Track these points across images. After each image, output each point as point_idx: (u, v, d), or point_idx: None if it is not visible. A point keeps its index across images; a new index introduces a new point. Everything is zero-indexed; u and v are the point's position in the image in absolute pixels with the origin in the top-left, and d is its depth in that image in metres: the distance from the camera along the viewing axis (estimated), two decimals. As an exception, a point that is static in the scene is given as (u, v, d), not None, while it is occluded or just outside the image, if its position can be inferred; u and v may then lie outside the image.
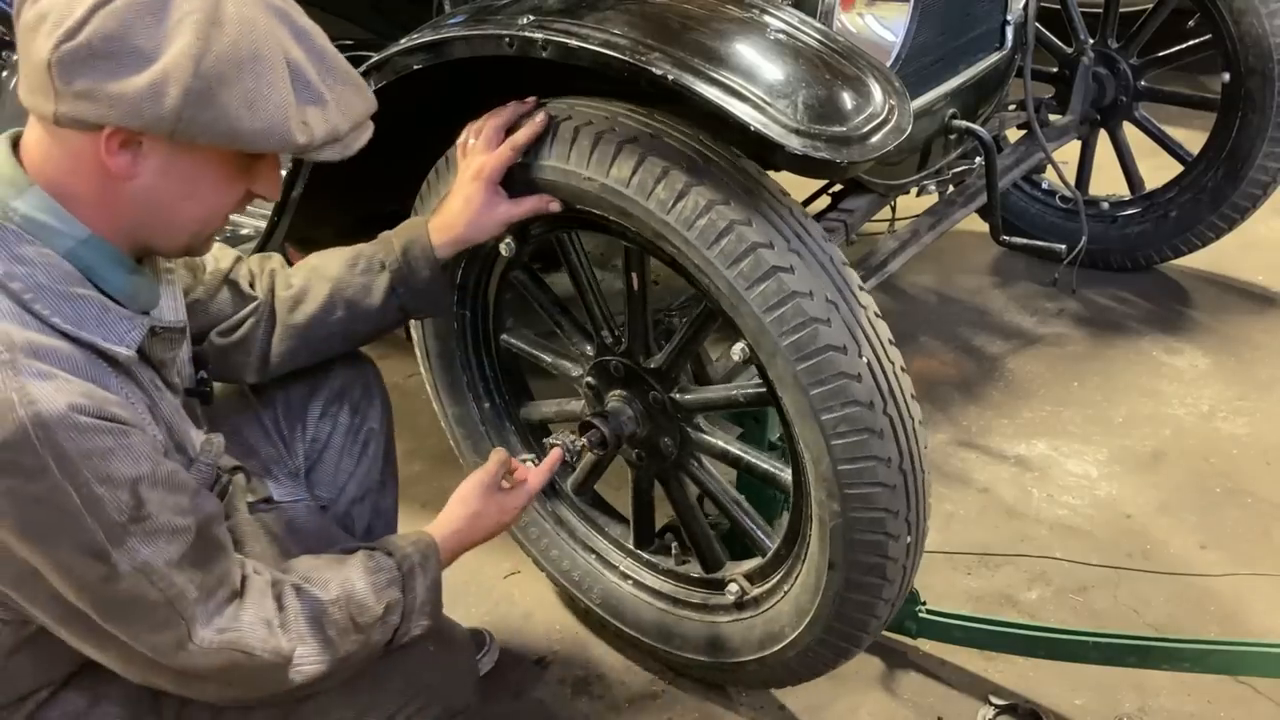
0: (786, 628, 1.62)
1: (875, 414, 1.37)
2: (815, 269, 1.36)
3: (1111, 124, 3.00)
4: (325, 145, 1.09)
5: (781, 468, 1.60)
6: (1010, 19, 2.27)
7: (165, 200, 1.09)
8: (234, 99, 1.01)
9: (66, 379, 1.02)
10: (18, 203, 1.05)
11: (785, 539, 1.62)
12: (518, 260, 1.72)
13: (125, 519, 1.04)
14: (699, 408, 1.65)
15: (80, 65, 0.98)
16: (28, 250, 1.04)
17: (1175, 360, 2.78)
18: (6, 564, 1.05)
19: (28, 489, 0.99)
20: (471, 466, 1.97)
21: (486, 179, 1.47)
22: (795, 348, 1.35)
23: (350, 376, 1.61)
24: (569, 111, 1.46)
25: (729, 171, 1.38)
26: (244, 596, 1.16)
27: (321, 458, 1.59)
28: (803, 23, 1.47)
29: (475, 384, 1.92)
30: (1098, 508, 2.28)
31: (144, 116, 0.99)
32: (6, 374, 0.98)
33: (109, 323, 1.08)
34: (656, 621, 1.83)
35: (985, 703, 1.80)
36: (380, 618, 1.25)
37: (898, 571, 1.48)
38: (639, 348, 1.64)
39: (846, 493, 1.40)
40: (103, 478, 1.02)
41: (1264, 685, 1.82)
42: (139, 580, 1.05)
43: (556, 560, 1.95)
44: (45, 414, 0.98)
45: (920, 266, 3.15)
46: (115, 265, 1.10)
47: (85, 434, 1.00)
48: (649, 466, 1.74)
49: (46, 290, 1.04)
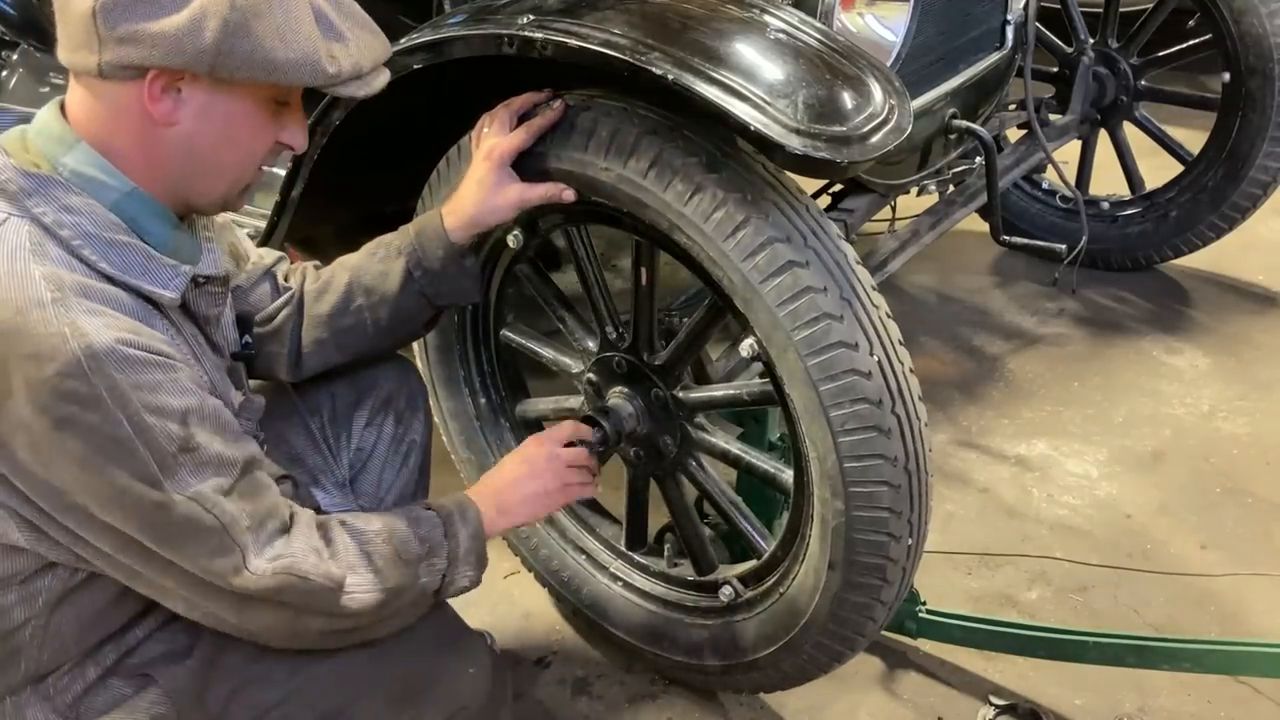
0: (781, 630, 1.62)
1: (883, 412, 1.37)
2: (830, 266, 1.37)
3: (1112, 124, 3.00)
4: (351, 80, 1.16)
5: (782, 468, 1.60)
6: (1010, 19, 2.27)
7: (204, 145, 1.15)
8: (267, 31, 1.08)
9: (115, 316, 1.08)
10: (66, 158, 1.12)
11: (783, 541, 1.62)
12: (523, 254, 1.72)
13: (175, 448, 1.09)
14: (702, 406, 1.65)
15: (123, 10, 1.05)
16: (75, 200, 1.10)
17: (1175, 360, 2.78)
18: (69, 493, 1.09)
19: (83, 418, 1.05)
20: (463, 462, 1.97)
21: (498, 160, 1.47)
22: (808, 342, 1.35)
23: (396, 385, 1.63)
24: (587, 102, 1.46)
25: (747, 166, 1.38)
26: (294, 530, 1.20)
27: (365, 466, 1.61)
28: (803, 22, 1.47)
29: (472, 379, 1.92)
30: (1098, 508, 2.28)
31: (186, 52, 1.06)
32: (58, 310, 1.04)
33: (153, 270, 1.14)
34: (646, 624, 1.82)
35: (985, 703, 1.80)
36: (425, 557, 1.29)
37: (897, 573, 1.48)
38: (643, 344, 1.63)
39: (851, 491, 1.40)
40: (152, 408, 1.07)
41: (1264, 685, 1.82)
42: (192, 506, 1.10)
43: (545, 560, 1.95)
44: (96, 345, 1.04)
45: (920, 266, 3.15)
46: (158, 219, 1.17)
47: (134, 366, 1.06)
48: (647, 466, 1.74)
49: (94, 237, 1.10)
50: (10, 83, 2.36)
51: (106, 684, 1.25)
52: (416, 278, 1.48)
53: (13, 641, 1.20)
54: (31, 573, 1.18)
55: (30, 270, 1.05)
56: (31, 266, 1.06)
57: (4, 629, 1.20)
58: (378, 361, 1.61)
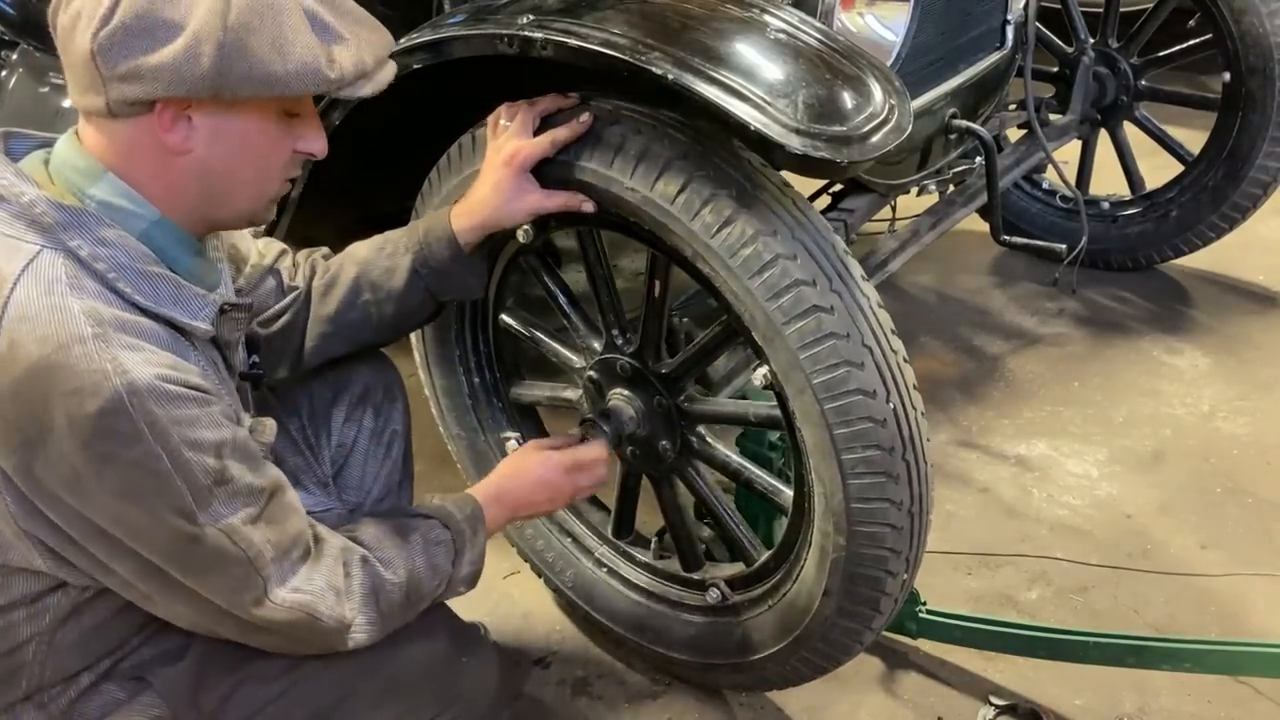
0: (768, 640, 1.62)
1: (895, 459, 1.37)
2: (854, 311, 1.36)
3: (1112, 123, 3.00)
4: (357, 81, 1.16)
5: (781, 488, 1.60)
6: (1010, 18, 2.26)
7: (221, 168, 1.15)
8: (263, 45, 1.08)
9: (153, 350, 1.08)
10: (94, 190, 1.13)
11: (776, 554, 1.62)
12: (531, 247, 1.70)
13: (210, 481, 1.10)
14: (705, 419, 1.64)
15: (119, 47, 1.05)
16: (108, 233, 1.10)
17: (1175, 360, 2.78)
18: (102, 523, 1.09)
19: (124, 453, 1.05)
20: (452, 438, 1.96)
21: (518, 166, 1.46)
22: (826, 387, 1.35)
23: (372, 379, 1.63)
24: (615, 115, 1.43)
25: (778, 200, 1.37)
26: (318, 559, 1.21)
27: (348, 462, 1.62)
28: (803, 22, 1.47)
29: (467, 358, 1.91)
30: (1098, 508, 2.28)
31: (187, 80, 1.06)
32: (99, 345, 1.04)
33: (184, 299, 1.15)
34: (630, 613, 1.83)
35: (985, 703, 1.80)
36: (431, 593, 1.32)
37: (890, 604, 1.51)
38: (650, 351, 1.62)
39: (855, 530, 1.41)
40: (190, 443, 1.08)
41: (1264, 685, 1.82)
42: (221, 539, 1.11)
43: (530, 540, 1.95)
44: (138, 382, 1.05)
45: (920, 266, 3.15)
46: (183, 246, 1.18)
47: (173, 402, 1.07)
48: (642, 464, 1.73)
49: (127, 269, 1.11)
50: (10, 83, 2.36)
51: (100, 689, 1.25)
52: (423, 275, 1.49)
53: (16, 658, 1.20)
54: (42, 591, 1.18)
55: (69, 304, 1.05)
56: (70, 300, 1.05)
57: (9, 645, 1.19)
58: (353, 356, 1.61)
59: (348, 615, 1.21)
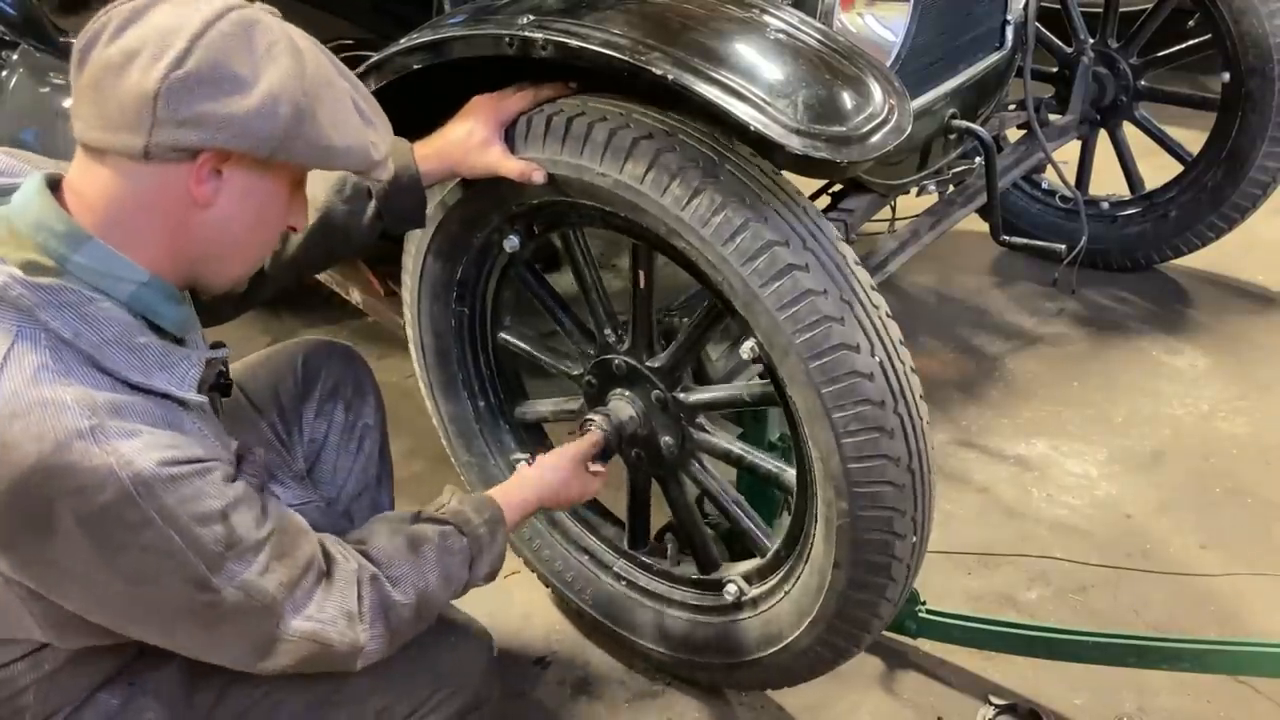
0: (786, 629, 1.62)
1: (886, 413, 1.37)
2: (830, 268, 1.36)
3: (1111, 124, 3.00)
4: (380, 165, 1.19)
5: (784, 467, 1.60)
6: (1010, 19, 2.26)
7: (235, 228, 1.14)
8: (326, 118, 1.10)
9: (151, 432, 1.06)
10: (78, 257, 1.07)
11: (786, 539, 1.62)
12: (519, 257, 1.72)
13: (222, 548, 1.09)
14: (703, 407, 1.65)
15: (190, 93, 1.02)
16: (92, 310, 1.06)
17: (1175, 360, 2.78)
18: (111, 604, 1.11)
19: (136, 541, 1.05)
20: (464, 466, 1.97)
21: (497, 121, 1.49)
22: (809, 345, 1.35)
23: (342, 374, 1.64)
24: (582, 107, 1.45)
25: (745, 169, 1.38)
26: (330, 584, 1.20)
27: (320, 457, 1.62)
28: (803, 22, 1.47)
29: (470, 381, 1.91)
30: (1098, 508, 2.28)
31: (254, 135, 1.05)
32: (98, 438, 1.02)
33: (171, 365, 1.11)
34: (651, 623, 1.83)
35: (985, 703, 1.80)
36: (444, 602, 1.34)
37: (902, 571, 1.48)
38: (642, 346, 1.63)
39: (855, 491, 1.40)
40: (198, 517, 1.07)
41: (1264, 685, 1.82)
42: (239, 595, 1.11)
43: (549, 561, 1.95)
44: (143, 472, 1.03)
45: (920, 266, 3.15)
46: (170, 300, 1.14)
47: (178, 482, 1.06)
48: (648, 466, 1.74)
49: (114, 345, 1.07)
50: (10, 83, 2.36)
51: (94, 699, 1.24)
52: (376, 194, 1.49)
53: (16, 703, 1.21)
54: (42, 644, 1.18)
55: (60, 396, 1.01)
56: (60, 391, 1.01)
57: (8, 693, 1.20)
58: (321, 351, 1.63)
59: (360, 639, 1.21)
